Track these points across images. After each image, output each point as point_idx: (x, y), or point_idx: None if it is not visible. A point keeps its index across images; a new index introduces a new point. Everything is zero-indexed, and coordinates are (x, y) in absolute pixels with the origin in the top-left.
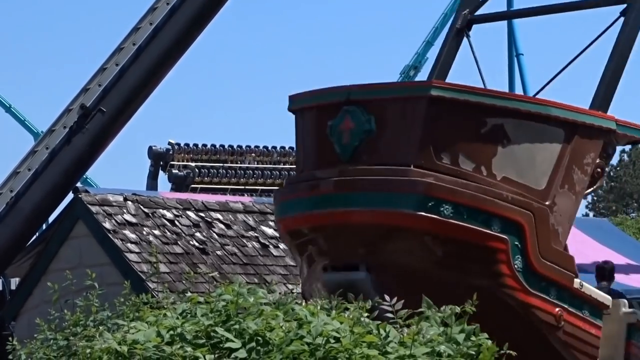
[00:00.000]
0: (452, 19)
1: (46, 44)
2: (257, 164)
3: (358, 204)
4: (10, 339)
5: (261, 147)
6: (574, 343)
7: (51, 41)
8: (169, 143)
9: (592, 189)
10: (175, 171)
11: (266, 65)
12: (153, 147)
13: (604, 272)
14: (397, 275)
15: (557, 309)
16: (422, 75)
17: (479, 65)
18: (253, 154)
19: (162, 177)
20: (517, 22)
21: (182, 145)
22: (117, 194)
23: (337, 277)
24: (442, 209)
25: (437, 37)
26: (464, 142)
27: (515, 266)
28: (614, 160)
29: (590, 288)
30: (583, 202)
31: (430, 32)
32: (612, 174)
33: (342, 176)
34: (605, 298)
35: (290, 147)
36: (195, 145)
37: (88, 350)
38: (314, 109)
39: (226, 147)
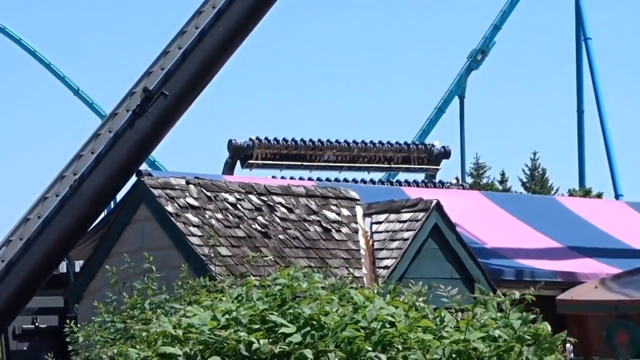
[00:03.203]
0: None
1: (114, 28)
2: (337, 158)
3: None
4: (67, 321)
5: (342, 142)
6: None
7: (119, 25)
8: (250, 139)
9: None
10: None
11: (348, 58)
12: (233, 141)
13: None
14: None
15: None
16: (490, 59)
17: None
18: (333, 150)
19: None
20: (585, 4)
21: (262, 139)
22: (179, 177)
23: None
24: None
25: (505, 21)
26: None
27: None
28: None
29: None
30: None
31: (497, 15)
32: None
33: None
34: None
35: (372, 142)
36: (276, 139)
37: (144, 334)
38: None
39: (307, 141)
